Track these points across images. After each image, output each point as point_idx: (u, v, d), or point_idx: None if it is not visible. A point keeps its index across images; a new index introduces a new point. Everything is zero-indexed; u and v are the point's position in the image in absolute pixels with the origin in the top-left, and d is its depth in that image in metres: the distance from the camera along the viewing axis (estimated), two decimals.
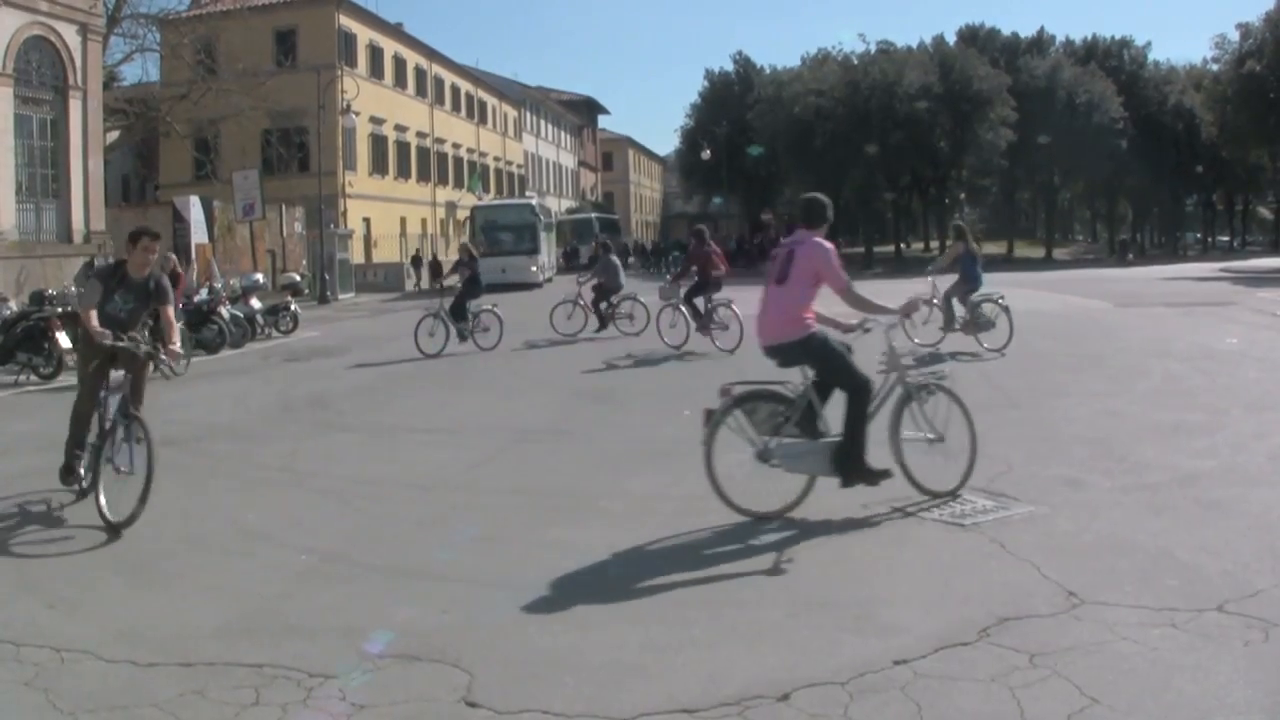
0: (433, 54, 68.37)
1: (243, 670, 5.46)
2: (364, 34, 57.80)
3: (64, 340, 17.35)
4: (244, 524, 7.16)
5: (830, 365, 8.16)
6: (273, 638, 5.89)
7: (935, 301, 18.72)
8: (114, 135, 46.94)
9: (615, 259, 23.24)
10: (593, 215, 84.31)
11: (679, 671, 5.38)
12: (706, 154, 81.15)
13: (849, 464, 8.01)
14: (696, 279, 20.17)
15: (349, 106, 46.57)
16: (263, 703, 5.13)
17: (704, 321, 19.82)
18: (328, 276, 42.72)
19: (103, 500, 8.24)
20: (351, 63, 54.84)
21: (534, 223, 51.36)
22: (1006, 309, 18.20)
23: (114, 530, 7.99)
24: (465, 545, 7.79)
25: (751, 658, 5.51)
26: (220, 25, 48.05)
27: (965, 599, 6.18)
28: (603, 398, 15.27)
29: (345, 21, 55.44)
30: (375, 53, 59.43)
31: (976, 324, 18.19)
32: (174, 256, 22.53)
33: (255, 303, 24.78)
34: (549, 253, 57.11)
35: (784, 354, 8.32)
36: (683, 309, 20.31)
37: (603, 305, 22.88)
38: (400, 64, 63.25)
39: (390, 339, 23.32)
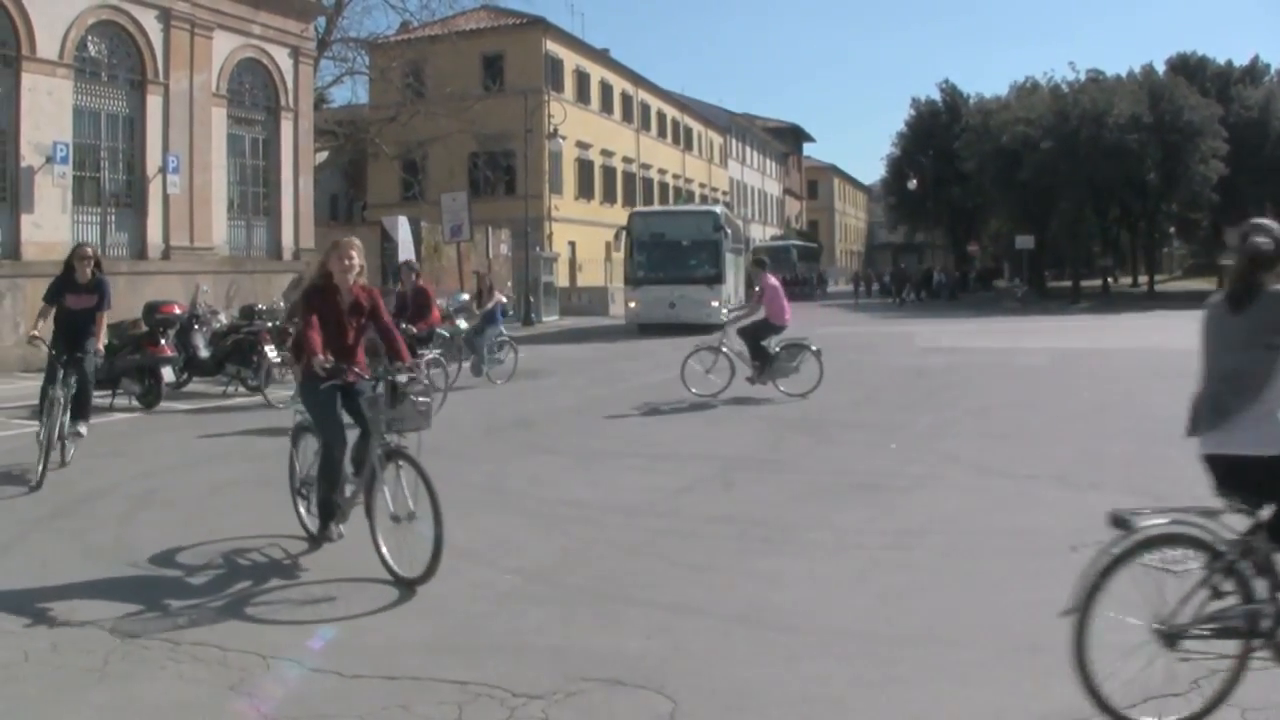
0: (638, 80, 69.00)
1: (447, 686, 5.51)
2: (570, 59, 58.65)
3: (272, 354, 17.89)
4: (450, 542, 7.25)
5: None
6: (477, 655, 5.93)
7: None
8: (323, 155, 48.33)
9: None
10: (790, 243, 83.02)
11: (883, 709, 5.28)
12: (913, 183, 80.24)
13: None
14: None
15: (555, 131, 47.23)
16: None
17: None
18: (533, 299, 43.38)
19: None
20: (558, 88, 55.58)
21: (716, 240, 38.63)
22: (514, 347, 22.21)
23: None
24: (670, 571, 7.77)
25: (958, 698, 5.35)
26: (428, 50, 48.94)
27: None
28: (810, 428, 15.10)
29: (552, 47, 56.34)
30: (581, 78, 60.24)
31: (494, 360, 22.12)
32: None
33: (462, 323, 25.25)
34: (736, 283, 42.83)
35: None
36: None
37: None
38: (606, 89, 64.01)
39: (595, 362, 23.52)
